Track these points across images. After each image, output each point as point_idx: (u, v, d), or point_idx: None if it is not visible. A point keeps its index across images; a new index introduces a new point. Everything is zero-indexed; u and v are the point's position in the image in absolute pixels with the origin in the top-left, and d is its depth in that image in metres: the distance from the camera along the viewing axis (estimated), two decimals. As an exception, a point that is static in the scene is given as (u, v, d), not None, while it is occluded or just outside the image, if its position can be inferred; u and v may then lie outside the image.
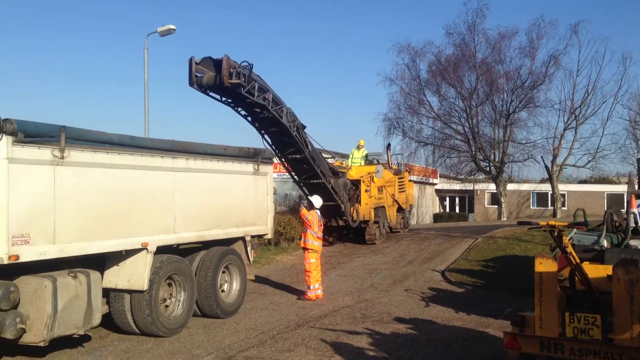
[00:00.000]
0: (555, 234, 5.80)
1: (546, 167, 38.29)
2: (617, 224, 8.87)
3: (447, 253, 17.91)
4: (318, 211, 12.48)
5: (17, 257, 6.65)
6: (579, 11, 66.54)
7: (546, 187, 42.21)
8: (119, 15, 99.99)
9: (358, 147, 22.64)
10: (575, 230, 8.72)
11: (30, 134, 6.87)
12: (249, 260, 11.11)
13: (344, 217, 19.11)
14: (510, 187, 42.95)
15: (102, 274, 8.22)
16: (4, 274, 6.89)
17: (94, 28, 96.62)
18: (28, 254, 6.80)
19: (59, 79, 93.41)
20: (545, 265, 6.03)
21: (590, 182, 47.39)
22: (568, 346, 5.77)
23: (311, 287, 11.92)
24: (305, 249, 12.28)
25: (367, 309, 10.87)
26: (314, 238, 12.18)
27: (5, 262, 6.55)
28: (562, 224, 5.82)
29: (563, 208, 38.87)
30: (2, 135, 6.56)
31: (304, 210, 12.40)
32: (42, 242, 6.97)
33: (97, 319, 7.84)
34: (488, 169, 39.43)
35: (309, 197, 13.71)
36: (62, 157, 7.23)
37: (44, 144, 7.05)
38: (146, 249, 8.42)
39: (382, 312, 10.60)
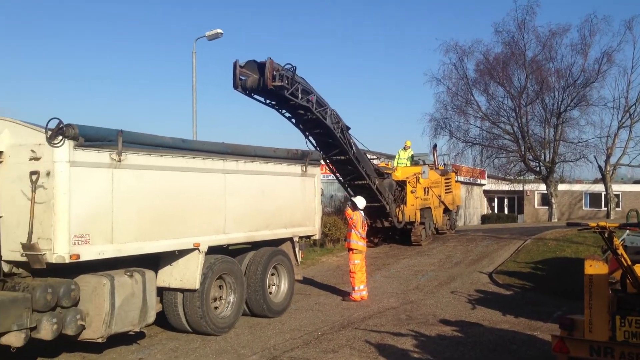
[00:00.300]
0: (606, 235, 5.73)
1: (599, 166, 37.20)
2: (672, 226, 8.65)
3: (495, 255, 17.69)
4: (362, 212, 12.51)
5: (78, 256, 6.98)
6: (634, 6, 64.23)
7: (599, 188, 40.99)
8: (168, 20, 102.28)
9: (405, 148, 22.58)
10: (628, 231, 8.55)
11: (90, 138, 7.18)
12: (297, 260, 11.28)
13: (390, 218, 19.10)
14: (562, 187, 41.93)
15: (156, 273, 8.52)
16: (65, 272, 7.25)
17: (145, 33, 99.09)
18: (88, 253, 7.12)
19: (113, 83, 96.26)
20: (595, 267, 5.96)
21: (646, 183, 45.84)
22: (618, 350, 5.69)
23: (356, 289, 11.96)
24: (349, 249, 12.36)
25: (412, 311, 10.90)
26: (358, 238, 12.23)
27: (67, 260, 6.88)
28: (612, 225, 5.74)
29: (617, 209, 37.72)
30: (64, 140, 6.88)
31: (348, 210, 12.53)
32: (100, 242, 7.30)
33: (151, 317, 8.14)
34: (538, 169, 38.61)
35: (353, 198, 13.75)
36: (120, 160, 7.53)
37: (103, 147, 7.36)
38: (198, 249, 8.68)
39: (427, 314, 10.60)
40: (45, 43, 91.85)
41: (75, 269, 7.26)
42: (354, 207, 12.51)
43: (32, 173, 6.87)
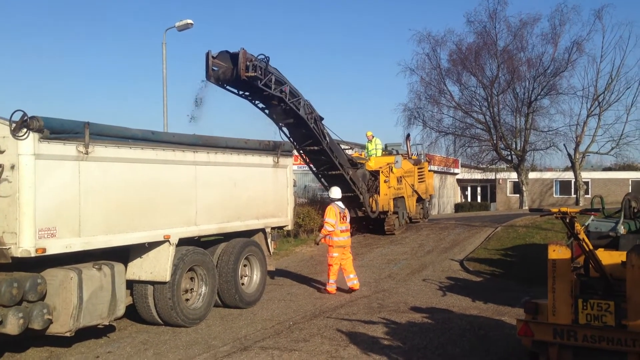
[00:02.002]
0: (567, 221, 5.85)
1: (569, 154, 37.87)
2: (635, 210, 8.85)
3: (466, 242, 17.94)
4: (339, 202, 12.18)
5: (44, 249, 6.90)
6: (603, -4, 65.09)
7: (569, 175, 41.71)
8: (136, 11, 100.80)
9: (369, 140, 22.58)
10: (592, 217, 8.72)
11: (55, 130, 7.09)
12: (269, 251, 11.30)
13: (363, 208, 19.21)
14: (533, 175, 42.61)
15: (125, 266, 8.47)
16: (31, 266, 7.16)
17: (113, 25, 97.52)
18: (54, 247, 7.05)
19: (79, 77, 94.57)
20: (558, 252, 6.06)
21: (615, 169, 46.76)
22: (581, 333, 5.81)
23: (330, 281, 11.68)
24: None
25: (384, 299, 11.01)
26: (337, 234, 11.71)
27: (33, 254, 6.80)
28: (573, 211, 5.84)
29: (586, 196, 38.40)
30: (29, 132, 6.79)
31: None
32: (67, 235, 7.22)
33: (121, 310, 8.09)
34: (510, 157, 39.17)
35: (328, 190, 13.59)
36: (87, 153, 7.45)
37: (69, 140, 7.27)
38: (168, 241, 8.65)
39: (398, 302, 10.73)
40: (8, 39, 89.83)
41: (42, 262, 7.18)
42: (329, 198, 12.36)
43: (-4, 166, 6.76)
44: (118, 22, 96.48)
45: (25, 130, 6.78)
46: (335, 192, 12.46)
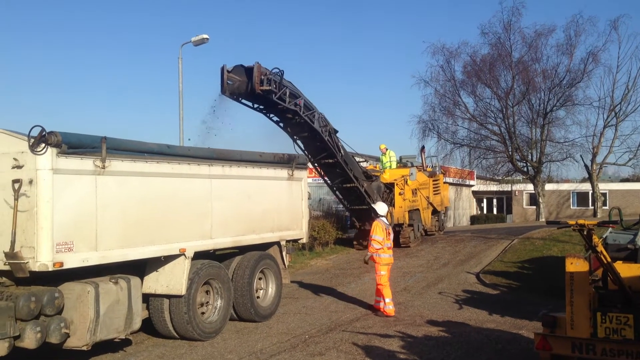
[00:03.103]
0: (585, 233, 5.80)
1: (585, 166, 37.58)
2: (654, 223, 8.74)
3: (482, 255, 17.80)
4: (384, 219, 11.35)
5: (61, 264, 6.94)
6: (619, 6, 64.91)
7: (586, 187, 41.35)
8: (153, 27, 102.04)
9: (383, 153, 22.57)
10: (610, 229, 8.63)
11: (73, 145, 7.15)
12: (284, 264, 11.29)
13: (378, 221, 19.10)
14: (549, 187, 42.28)
15: (142, 279, 8.50)
16: (49, 280, 7.21)
17: (129, 40, 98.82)
18: (71, 261, 7.09)
19: (98, 91, 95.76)
20: (576, 265, 6.02)
21: (632, 181, 46.25)
22: (600, 347, 5.76)
23: (387, 300, 10.78)
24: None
25: (400, 312, 10.92)
26: (385, 251, 10.99)
27: (50, 268, 6.84)
28: (591, 223, 5.80)
29: (604, 207, 38.02)
30: (47, 147, 6.85)
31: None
32: (84, 250, 7.27)
33: (137, 324, 8.11)
34: (525, 169, 38.93)
35: (373, 204, 12.82)
36: (104, 167, 7.50)
37: (86, 154, 7.32)
38: (184, 254, 8.67)
39: (414, 315, 10.65)
40: (30, 53, 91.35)
41: (59, 276, 7.23)
42: (375, 214, 11.54)
43: (15, 181, 6.83)
44: (135, 38, 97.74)
45: (43, 145, 6.85)
46: (381, 207, 11.63)
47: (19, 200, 6.83)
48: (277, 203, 10.94)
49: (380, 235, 10.97)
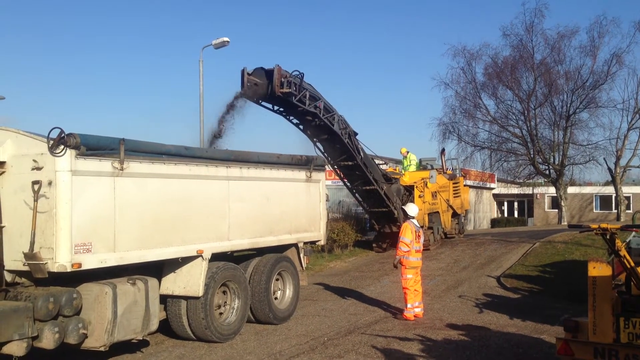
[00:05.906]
0: (608, 237, 5.68)
1: (609, 169, 36.93)
2: (679, 227, 8.54)
3: (503, 258, 17.58)
4: (414, 220, 11.05)
5: (80, 264, 7.00)
6: (643, 6, 63.77)
7: (610, 190, 40.66)
8: (174, 29, 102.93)
9: (404, 157, 22.47)
10: (634, 233, 8.46)
11: (92, 147, 7.21)
12: (301, 266, 11.26)
13: (398, 223, 19.02)
14: (572, 190, 41.64)
15: (159, 280, 8.54)
16: (68, 281, 7.27)
17: (150, 43, 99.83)
18: (90, 262, 7.14)
19: (117, 94, 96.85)
20: (599, 269, 5.91)
21: (657, 184, 45.42)
22: (623, 352, 5.64)
23: (409, 306, 10.61)
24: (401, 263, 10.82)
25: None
26: (412, 254, 10.74)
27: (69, 269, 6.90)
28: (614, 227, 5.68)
29: (627, 211, 37.36)
30: (66, 149, 6.91)
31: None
32: (103, 251, 7.31)
33: (154, 325, 8.14)
34: (547, 172, 38.38)
35: (403, 206, 12.57)
36: (122, 169, 7.55)
37: (105, 156, 7.38)
38: (201, 256, 8.68)
39: (434, 319, 10.54)
40: (51, 55, 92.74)
41: (78, 277, 7.28)
42: (405, 215, 11.26)
43: (35, 183, 6.91)
44: (157, 41, 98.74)
45: (62, 147, 6.90)
46: (412, 208, 11.27)
47: (39, 202, 6.90)
48: (295, 205, 10.91)
49: (408, 237, 10.71)
